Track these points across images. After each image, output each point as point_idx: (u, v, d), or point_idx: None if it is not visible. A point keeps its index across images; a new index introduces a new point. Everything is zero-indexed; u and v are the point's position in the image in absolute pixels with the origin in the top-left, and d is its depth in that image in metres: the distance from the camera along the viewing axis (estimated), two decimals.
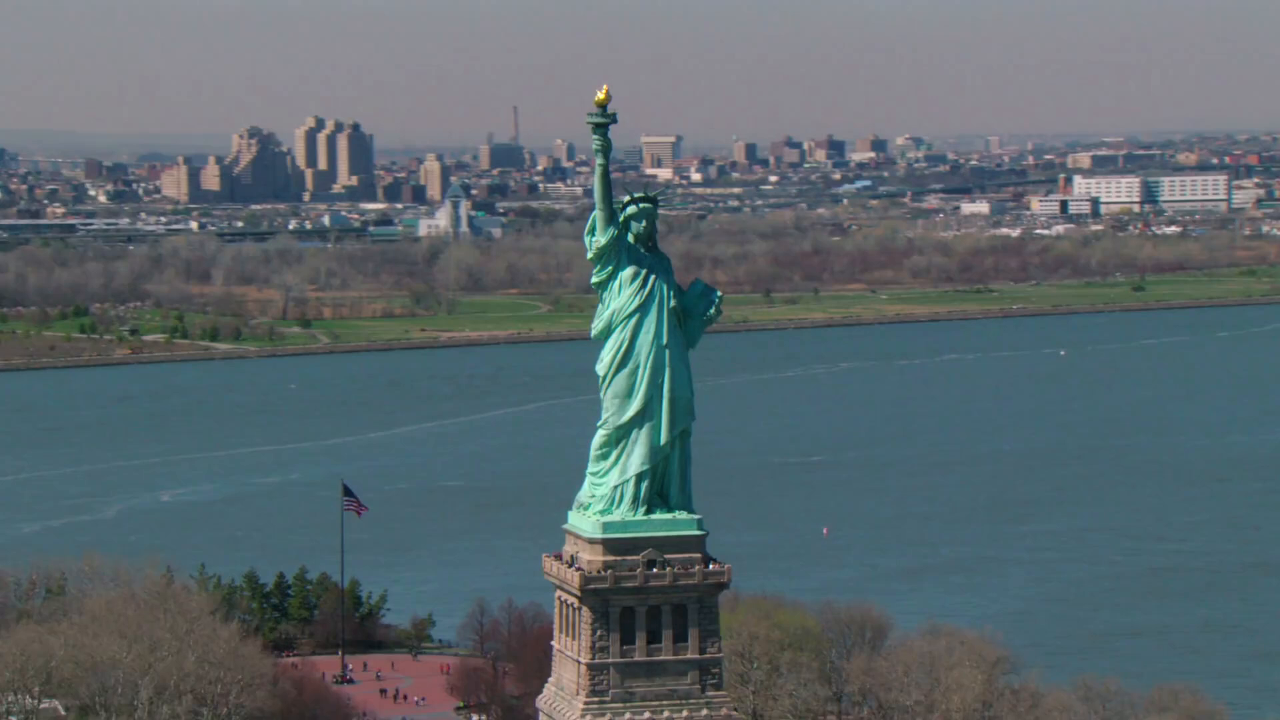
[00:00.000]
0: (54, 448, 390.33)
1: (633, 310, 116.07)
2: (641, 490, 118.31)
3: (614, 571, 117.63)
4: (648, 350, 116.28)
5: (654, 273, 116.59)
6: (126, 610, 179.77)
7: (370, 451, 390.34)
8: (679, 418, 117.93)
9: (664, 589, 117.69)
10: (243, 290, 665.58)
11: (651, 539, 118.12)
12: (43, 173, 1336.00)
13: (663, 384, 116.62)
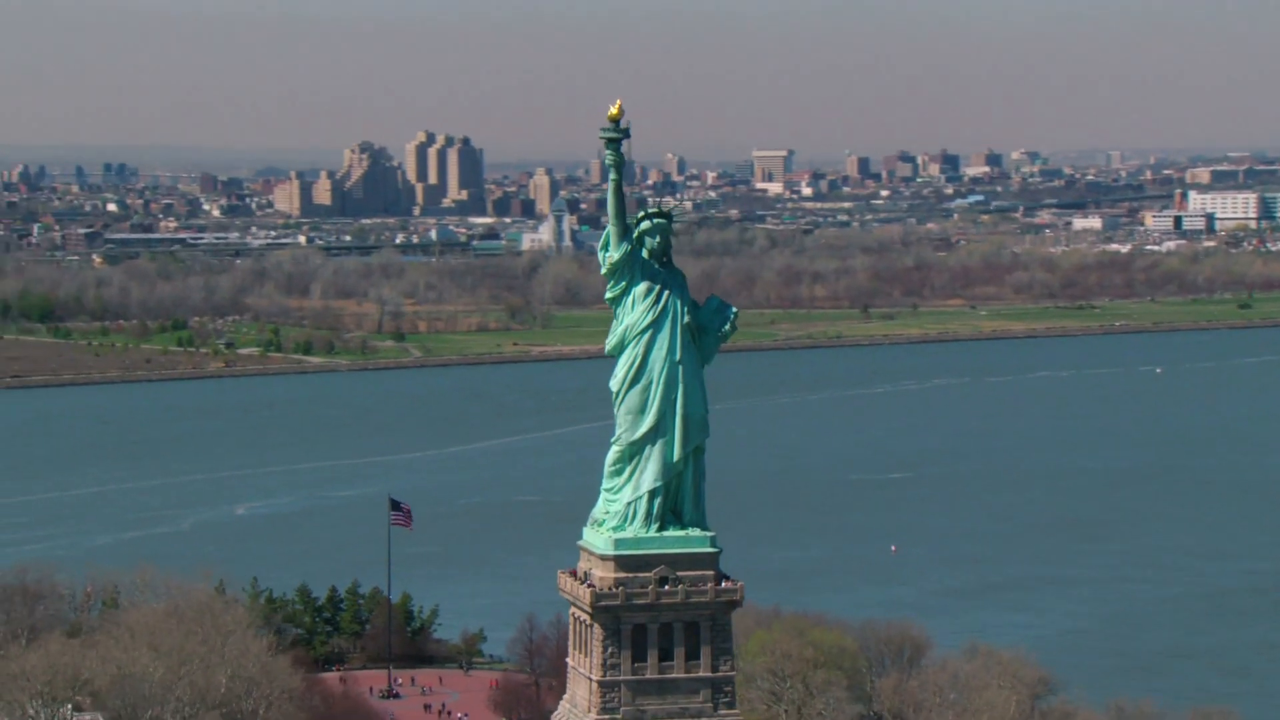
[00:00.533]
0: (139, 460, 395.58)
1: (646, 326, 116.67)
2: (655, 507, 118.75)
3: (625, 588, 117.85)
4: (660, 366, 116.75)
5: (668, 288, 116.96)
6: (163, 623, 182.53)
7: (449, 465, 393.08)
8: (692, 434, 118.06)
9: (676, 606, 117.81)
10: (341, 304, 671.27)
11: (664, 556, 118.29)
12: (160, 187, 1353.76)
13: (676, 400, 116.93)
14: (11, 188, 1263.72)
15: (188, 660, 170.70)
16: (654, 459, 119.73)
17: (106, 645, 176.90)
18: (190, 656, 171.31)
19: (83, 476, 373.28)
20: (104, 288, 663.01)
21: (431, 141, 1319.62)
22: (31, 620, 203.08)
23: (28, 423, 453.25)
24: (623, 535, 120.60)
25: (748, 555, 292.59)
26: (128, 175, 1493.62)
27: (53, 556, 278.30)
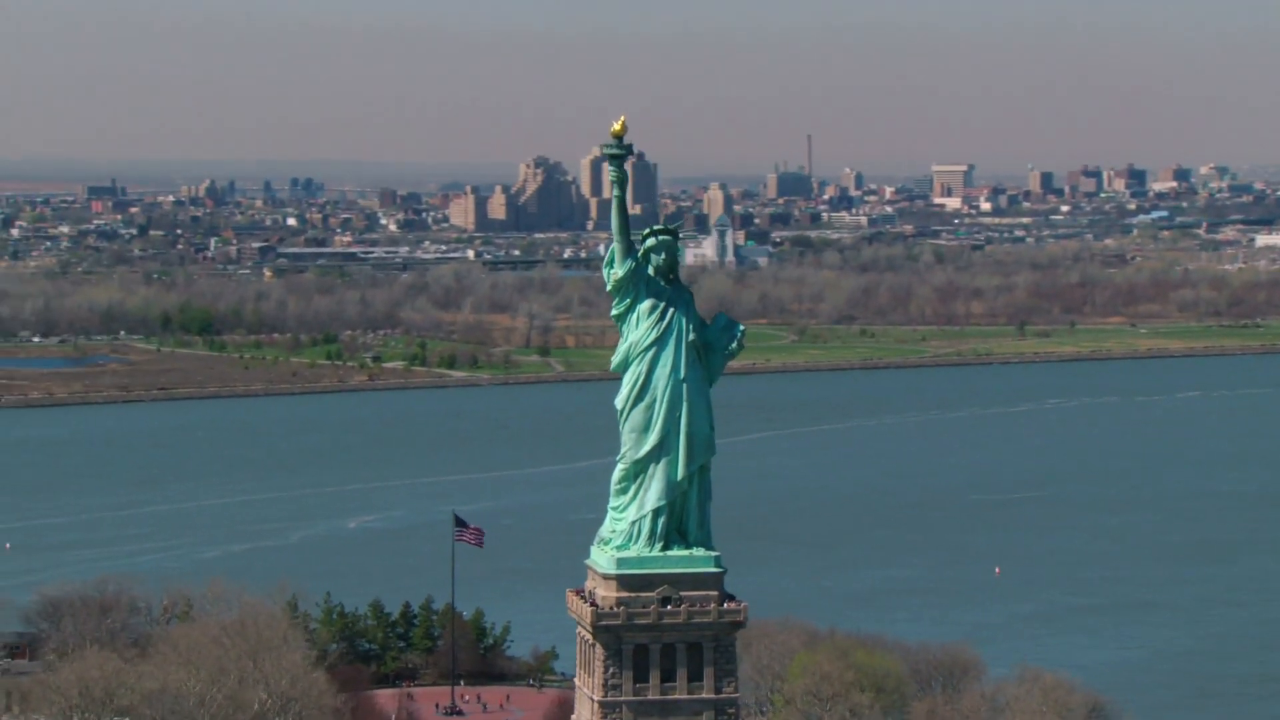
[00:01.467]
0: (268, 473, 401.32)
1: (650, 343, 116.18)
2: (659, 526, 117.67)
3: (627, 608, 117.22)
4: (664, 384, 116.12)
5: (673, 306, 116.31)
6: (206, 638, 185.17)
7: (571, 480, 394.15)
8: (697, 453, 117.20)
9: (678, 626, 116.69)
10: (494, 319, 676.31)
11: (667, 575, 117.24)
12: (341, 202, 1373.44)
13: (680, 418, 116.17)
14: (198, 202, 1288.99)
15: (223, 676, 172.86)
16: (658, 478, 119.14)
17: (149, 659, 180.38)
18: (226, 672, 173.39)
19: (209, 488, 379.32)
20: (263, 301, 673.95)
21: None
22: (98, 632, 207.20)
23: (166, 435, 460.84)
24: (626, 554, 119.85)
25: (843, 574, 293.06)
26: (314, 190, 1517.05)
27: (160, 567, 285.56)
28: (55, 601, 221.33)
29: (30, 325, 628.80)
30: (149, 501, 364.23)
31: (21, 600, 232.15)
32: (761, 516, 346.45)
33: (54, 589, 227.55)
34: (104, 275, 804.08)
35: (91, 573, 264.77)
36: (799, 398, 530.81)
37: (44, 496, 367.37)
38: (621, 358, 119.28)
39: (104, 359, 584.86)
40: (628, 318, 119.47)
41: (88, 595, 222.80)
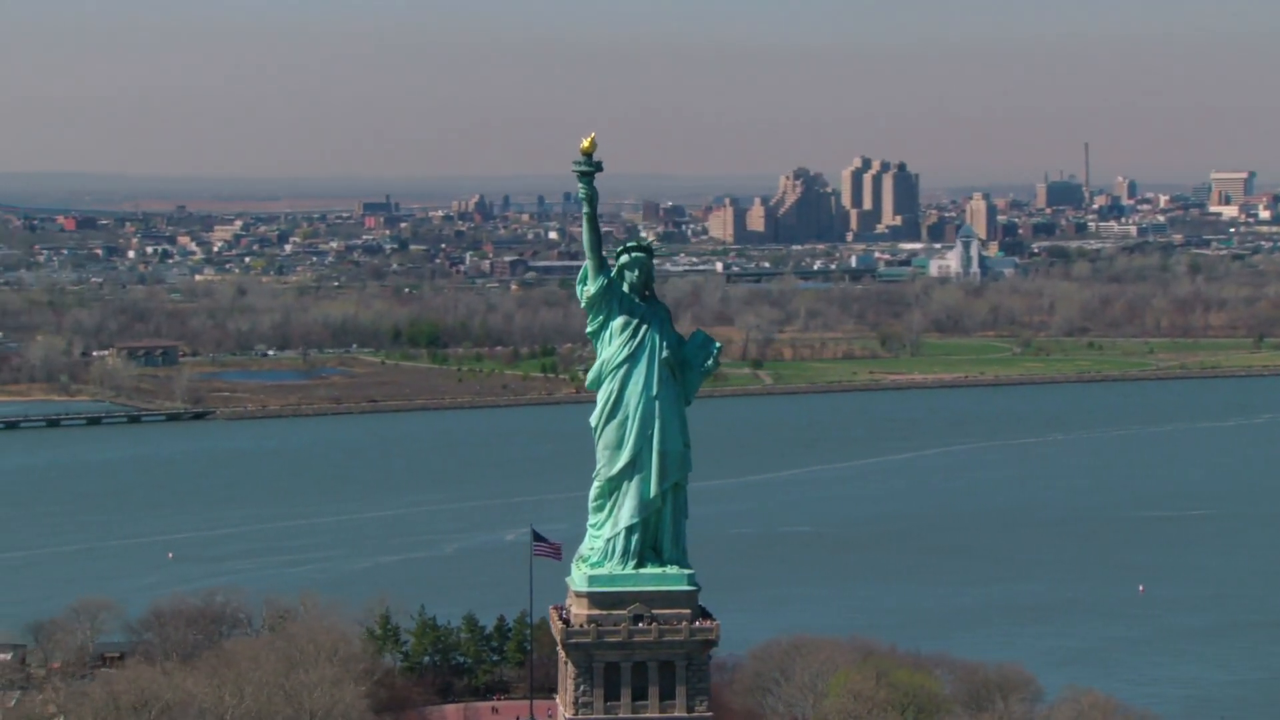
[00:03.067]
0: (443, 484, 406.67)
1: (621, 361, 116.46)
2: (632, 543, 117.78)
3: (598, 625, 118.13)
4: (636, 401, 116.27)
5: (646, 323, 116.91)
6: (247, 650, 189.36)
7: (747, 493, 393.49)
8: (670, 471, 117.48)
9: (649, 645, 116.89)
10: (717, 330, 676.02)
11: (639, 594, 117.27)
12: (603, 215, 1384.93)
13: (652, 436, 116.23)
14: (466, 217, 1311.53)
15: (253, 689, 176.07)
16: (631, 495, 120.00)
17: (189, 671, 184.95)
18: (254, 686, 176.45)
19: (385, 499, 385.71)
20: (491, 314, 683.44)
21: (867, 167, 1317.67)
22: (182, 645, 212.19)
23: (363, 447, 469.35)
24: (598, 572, 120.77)
25: (982, 588, 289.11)
26: None
27: (306, 578, 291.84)
28: (160, 612, 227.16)
29: (267, 339, 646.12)
30: (323, 512, 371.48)
31: (137, 610, 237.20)
32: (926, 528, 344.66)
33: (167, 600, 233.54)
34: (354, 290, 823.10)
35: (243, 583, 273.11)
36: (1005, 411, 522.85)
37: (223, 507, 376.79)
38: (595, 374, 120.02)
39: (330, 371, 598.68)
40: (601, 335, 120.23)
41: (193, 607, 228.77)
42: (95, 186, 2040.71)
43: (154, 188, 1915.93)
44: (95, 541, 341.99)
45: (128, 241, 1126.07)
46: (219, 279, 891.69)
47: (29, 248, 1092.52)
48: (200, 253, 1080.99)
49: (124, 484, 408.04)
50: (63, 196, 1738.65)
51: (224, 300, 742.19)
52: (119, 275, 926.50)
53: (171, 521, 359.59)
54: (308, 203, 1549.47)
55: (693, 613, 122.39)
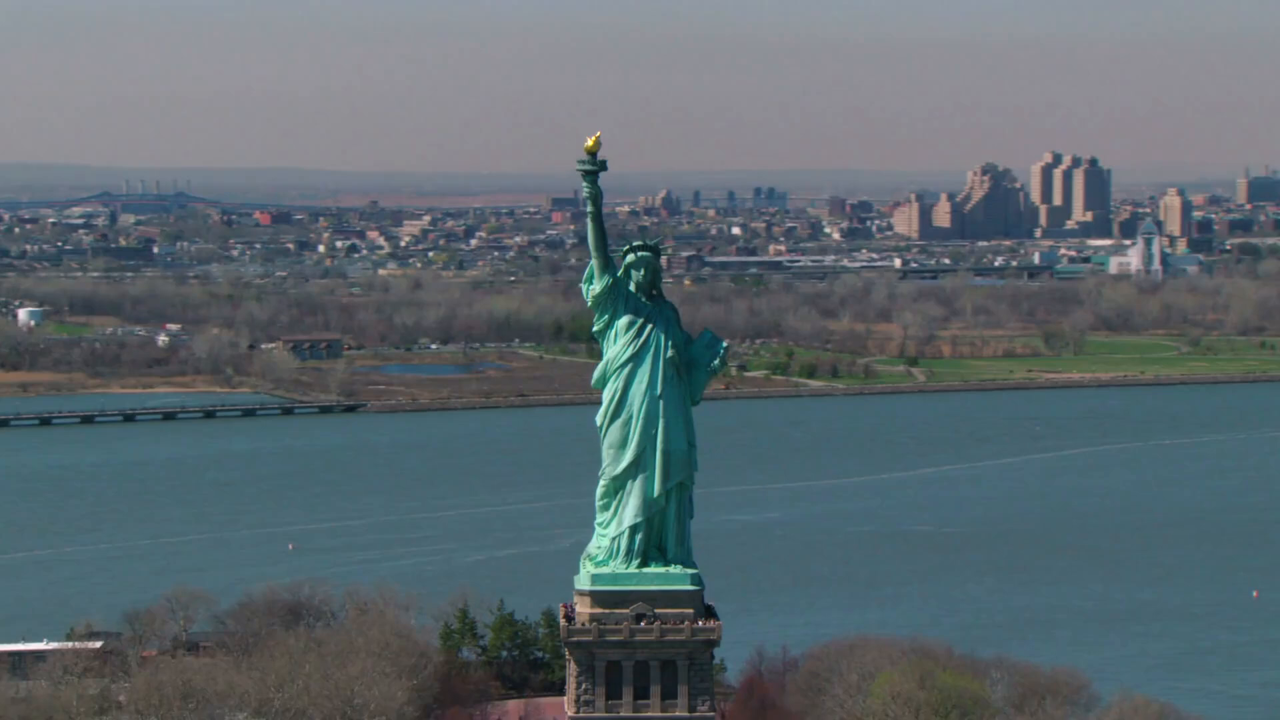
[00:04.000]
0: (583, 478, 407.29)
1: (626, 360, 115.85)
2: (636, 543, 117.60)
3: (600, 624, 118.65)
4: (640, 401, 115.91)
5: (651, 322, 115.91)
6: (297, 643, 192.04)
7: (875, 490, 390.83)
8: (674, 470, 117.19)
9: (651, 644, 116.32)
10: (880, 327, 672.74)
11: (642, 593, 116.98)
12: (792, 211, 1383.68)
13: (656, 435, 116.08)
14: (652, 212, 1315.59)
15: (283, 683, 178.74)
16: (635, 494, 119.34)
17: (217, 663, 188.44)
18: (286, 680, 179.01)
19: (516, 493, 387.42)
20: None
21: (1057, 162, 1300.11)
22: (258, 635, 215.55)
23: (506, 441, 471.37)
24: (601, 570, 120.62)
25: (1083, 593, 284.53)
26: (776, 199, 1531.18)
27: (414, 571, 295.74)
28: (246, 604, 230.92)
29: (431, 333, 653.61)
30: (455, 505, 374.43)
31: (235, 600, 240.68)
32: (1049, 528, 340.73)
33: (260, 590, 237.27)
34: (527, 284, 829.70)
35: (355, 575, 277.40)
36: (1159, 412, 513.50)
37: (357, 499, 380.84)
38: (600, 373, 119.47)
39: (488, 366, 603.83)
40: (607, 334, 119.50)
41: (278, 598, 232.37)
42: (299, 182, 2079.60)
43: (356, 184, 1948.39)
44: (223, 532, 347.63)
45: (318, 236, 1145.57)
46: (400, 273, 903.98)
47: (224, 242, 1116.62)
48: (388, 247, 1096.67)
49: (263, 475, 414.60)
50: (269, 192, 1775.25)
51: (398, 294, 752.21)
52: (304, 269, 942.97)
53: (302, 512, 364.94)
54: (501, 198, 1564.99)
55: (695, 612, 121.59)
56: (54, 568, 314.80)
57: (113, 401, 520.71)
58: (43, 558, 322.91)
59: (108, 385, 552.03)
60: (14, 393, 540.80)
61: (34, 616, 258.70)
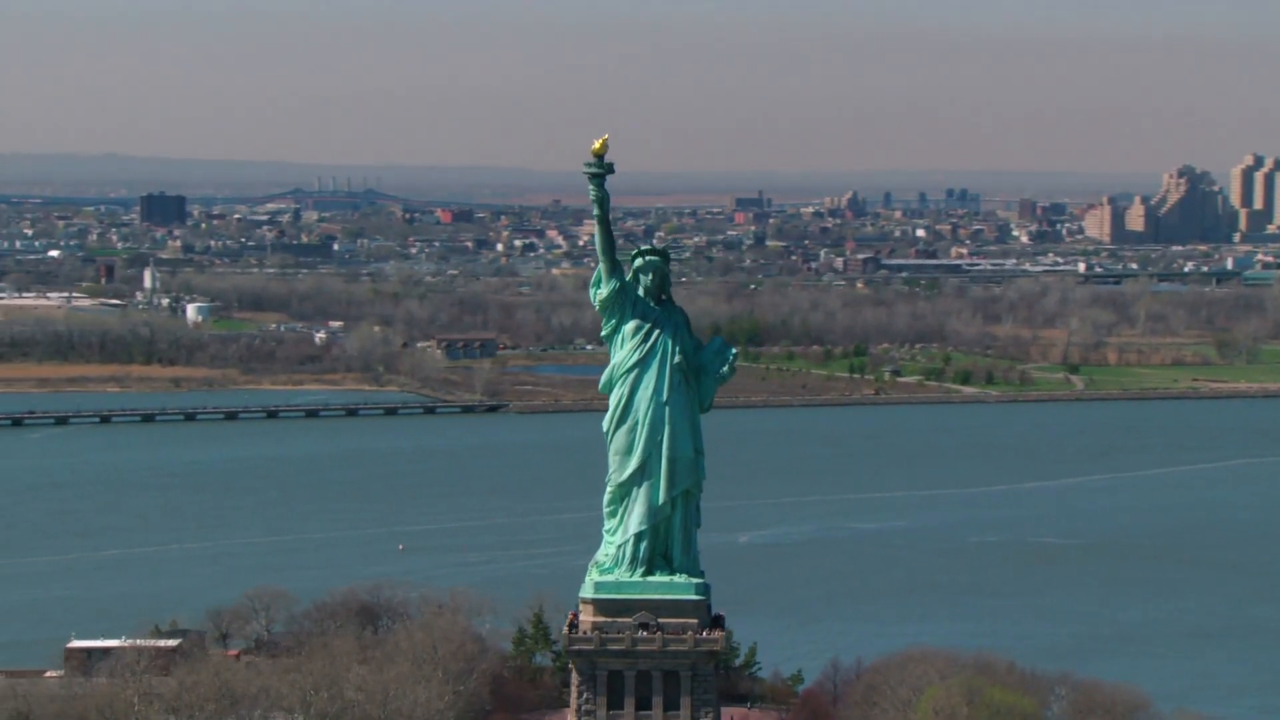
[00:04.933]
0: (723, 482, 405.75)
1: (632, 365, 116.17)
2: (641, 550, 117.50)
3: (601, 633, 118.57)
4: (646, 407, 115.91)
5: (659, 327, 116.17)
6: (344, 646, 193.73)
7: (1015, 499, 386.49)
8: (679, 478, 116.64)
9: (653, 654, 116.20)
10: (1046, 333, 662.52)
11: (646, 601, 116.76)
12: (980, 213, 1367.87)
13: (661, 442, 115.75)
14: (837, 213, 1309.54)
15: (320, 685, 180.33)
16: (640, 501, 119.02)
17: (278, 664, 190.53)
18: (322, 683, 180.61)
19: None
20: (813, 312, 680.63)
21: (1259, 165, 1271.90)
22: (325, 636, 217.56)
23: None
24: (605, 578, 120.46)
25: (1197, 606, 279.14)
26: (968, 201, 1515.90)
27: (521, 574, 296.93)
28: (323, 604, 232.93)
29: (588, 333, 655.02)
30: (570, 508, 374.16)
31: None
32: (1184, 542, 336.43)
33: (341, 591, 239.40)
34: (694, 286, 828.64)
35: (453, 578, 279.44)
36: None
37: (477, 498, 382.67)
38: (606, 379, 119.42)
39: None
40: (614, 339, 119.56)
41: (357, 600, 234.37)
42: (492, 180, 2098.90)
43: (545, 182, 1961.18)
44: (339, 530, 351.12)
45: (498, 235, 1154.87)
46: (571, 272, 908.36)
47: (404, 239, 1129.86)
48: (565, 246, 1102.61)
49: (390, 474, 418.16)
50: (461, 189, 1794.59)
51: (563, 294, 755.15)
52: (476, 268, 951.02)
53: (422, 512, 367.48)
54: (686, 198, 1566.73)
55: (700, 623, 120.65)
56: (167, 563, 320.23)
57: (258, 398, 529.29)
58: (160, 553, 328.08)
59: (259, 382, 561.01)
60: (166, 388, 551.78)
61: (134, 613, 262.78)
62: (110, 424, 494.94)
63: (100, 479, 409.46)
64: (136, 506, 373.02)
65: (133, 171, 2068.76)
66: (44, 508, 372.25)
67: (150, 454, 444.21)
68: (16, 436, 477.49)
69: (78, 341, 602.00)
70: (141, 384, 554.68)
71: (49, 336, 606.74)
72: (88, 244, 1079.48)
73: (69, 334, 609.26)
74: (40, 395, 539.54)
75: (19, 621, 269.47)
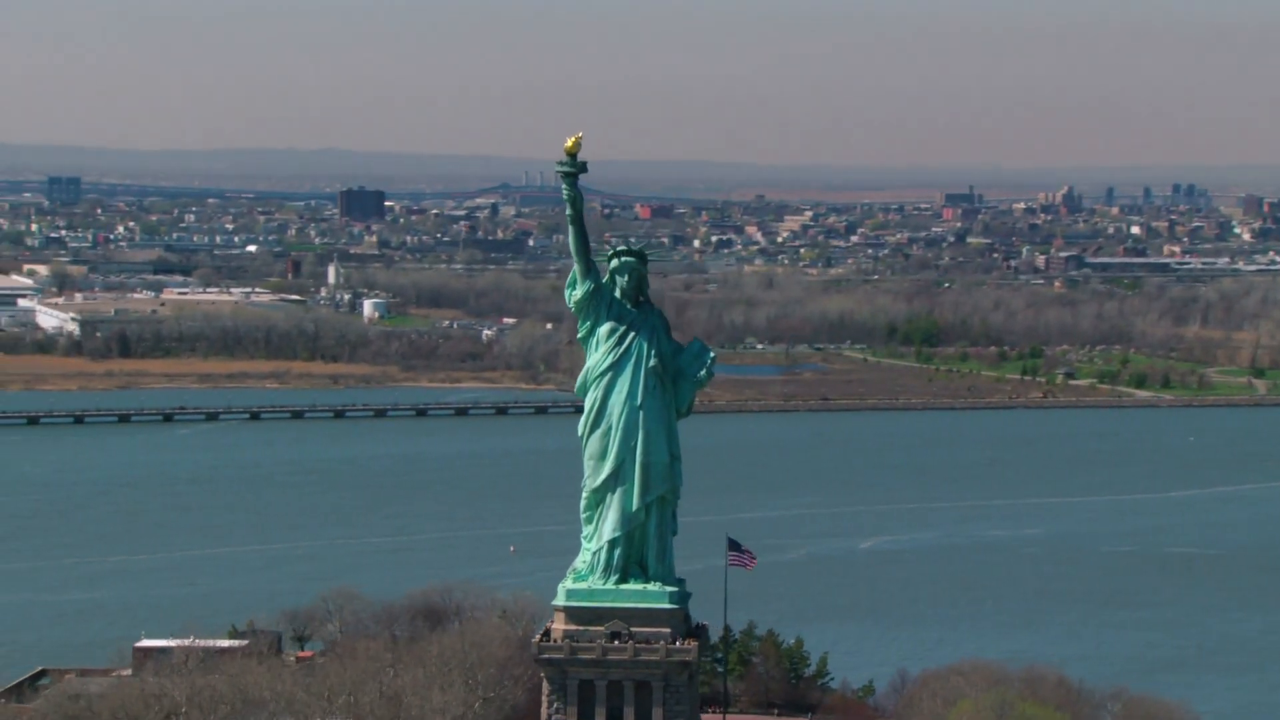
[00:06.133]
0: (842, 486, 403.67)
1: (606, 369, 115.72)
2: (615, 557, 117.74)
3: (571, 641, 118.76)
4: (620, 411, 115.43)
5: (634, 330, 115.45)
6: (368, 649, 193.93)
7: (1155, 508, 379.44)
8: (654, 484, 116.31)
9: (625, 664, 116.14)
10: (1240, 335, 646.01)
11: (618, 610, 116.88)
12: (1202, 210, 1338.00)
13: (635, 447, 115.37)
14: (1050, 209, 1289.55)
15: (336, 692, 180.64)
16: (614, 507, 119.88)
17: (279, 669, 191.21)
18: (339, 690, 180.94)
19: (766, 501, 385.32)
20: (993, 313, 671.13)
21: None
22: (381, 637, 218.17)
23: (778, 446, 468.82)
24: (578, 586, 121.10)
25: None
26: (1195, 197, 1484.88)
27: None
28: (391, 607, 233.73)
29: (760, 333, 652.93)
30: (695, 512, 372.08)
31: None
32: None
33: (418, 593, 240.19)
34: (882, 284, 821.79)
35: (550, 582, 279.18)
36: None
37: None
38: (581, 382, 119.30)
39: (808, 367, 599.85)
40: (589, 341, 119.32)
41: (430, 602, 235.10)
42: (706, 174, 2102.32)
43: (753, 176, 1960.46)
44: (458, 531, 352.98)
45: (694, 230, 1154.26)
46: (763, 269, 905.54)
47: (600, 235, 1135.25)
48: (764, 242, 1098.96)
49: (523, 473, 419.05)
50: (673, 183, 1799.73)
51: (744, 291, 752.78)
52: (663, 265, 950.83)
53: (545, 514, 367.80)
54: (893, 194, 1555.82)
55: (674, 632, 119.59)
56: (280, 560, 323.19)
57: (410, 396, 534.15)
58: (276, 551, 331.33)
59: (416, 379, 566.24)
60: (325, 385, 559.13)
61: (242, 610, 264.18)
62: (259, 420, 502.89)
63: (237, 476, 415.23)
64: (261, 503, 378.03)
65: (351, 165, 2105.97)
66: (166, 502, 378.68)
67: (291, 451, 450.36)
68: (167, 432, 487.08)
69: (243, 337, 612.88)
70: (300, 380, 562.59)
71: (216, 332, 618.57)
72: (285, 239, 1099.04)
73: (235, 330, 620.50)
74: (198, 391, 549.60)
75: (121, 618, 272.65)
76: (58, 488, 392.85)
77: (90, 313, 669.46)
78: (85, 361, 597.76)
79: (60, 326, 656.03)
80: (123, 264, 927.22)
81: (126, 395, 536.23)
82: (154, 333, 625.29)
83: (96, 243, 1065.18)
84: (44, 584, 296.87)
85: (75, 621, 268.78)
